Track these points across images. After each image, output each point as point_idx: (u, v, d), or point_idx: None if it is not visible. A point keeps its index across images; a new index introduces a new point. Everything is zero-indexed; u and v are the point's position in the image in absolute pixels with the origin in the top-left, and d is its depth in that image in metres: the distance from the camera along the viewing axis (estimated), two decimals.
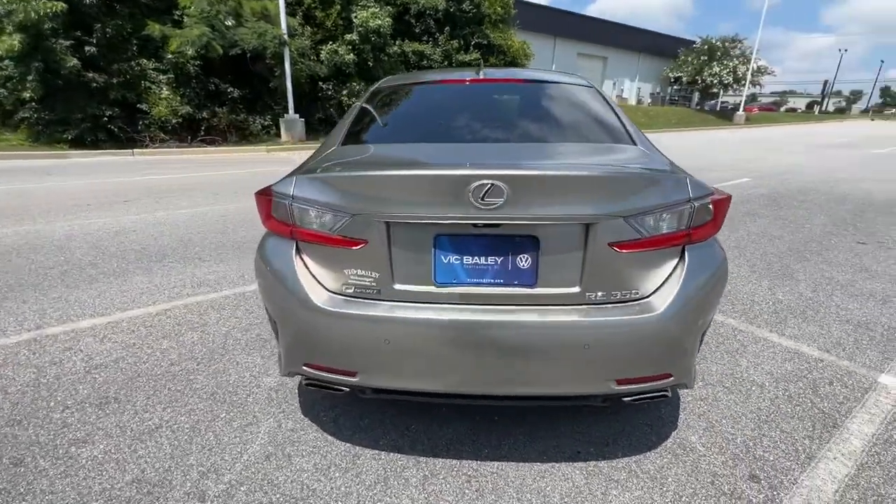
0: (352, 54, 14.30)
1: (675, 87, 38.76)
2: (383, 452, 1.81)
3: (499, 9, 17.67)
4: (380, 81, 2.55)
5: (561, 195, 1.39)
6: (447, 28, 16.70)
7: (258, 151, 12.42)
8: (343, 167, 1.61)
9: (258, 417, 2.00)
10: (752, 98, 50.14)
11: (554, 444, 1.86)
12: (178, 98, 12.19)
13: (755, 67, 32.07)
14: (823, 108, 60.13)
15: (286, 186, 1.54)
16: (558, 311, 1.46)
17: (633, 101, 36.38)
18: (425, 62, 16.39)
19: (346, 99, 14.72)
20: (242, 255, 4.06)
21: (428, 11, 16.29)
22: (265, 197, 1.61)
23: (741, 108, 33.82)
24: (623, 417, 2.02)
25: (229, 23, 12.38)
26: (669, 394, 1.67)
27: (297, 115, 13.86)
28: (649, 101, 38.30)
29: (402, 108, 2.24)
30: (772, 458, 1.81)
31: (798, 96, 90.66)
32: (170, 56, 11.81)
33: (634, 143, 1.89)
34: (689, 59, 35.11)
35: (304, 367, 1.60)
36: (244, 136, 13.42)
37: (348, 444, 1.85)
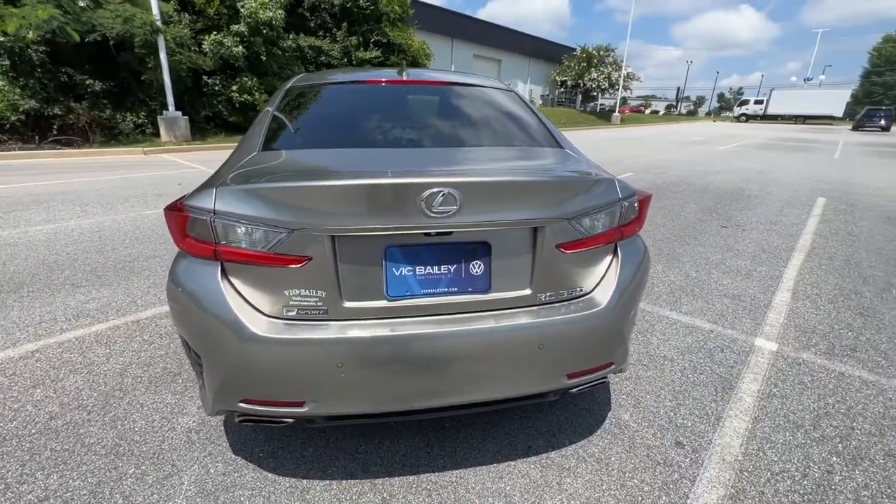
0: (241, 47, 13.12)
1: (561, 90, 42.24)
2: (334, 482, 1.68)
3: (396, 7, 17.58)
4: (293, 79, 2.35)
5: (512, 201, 1.40)
6: (344, 24, 16.18)
7: (133, 153, 10.82)
8: (275, 177, 1.44)
9: (178, 466, 1.73)
10: (623, 101, 56.88)
11: (507, 443, 1.89)
12: (18, 90, 10.11)
13: (626, 74, 36.37)
14: (678, 110, 70.92)
15: (205, 200, 1.34)
16: (512, 314, 1.48)
17: None
18: (323, 58, 15.69)
19: (236, 95, 13.49)
20: (131, 276, 3.49)
21: (323, 5, 15.62)
22: (178, 213, 1.38)
23: (617, 110, 38.07)
24: (564, 405, 2.13)
25: (83, 3, 10.57)
26: (609, 380, 1.80)
27: (180, 113, 12.36)
28: (540, 102, 41.25)
29: (326, 110, 2.08)
30: (690, 424, 2.04)
31: (658, 100, 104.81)
32: (2, 39, 9.72)
33: (561, 147, 1.99)
34: (572, 64, 38.58)
35: (241, 404, 1.41)
36: (112, 135, 11.60)
37: (293, 479, 1.68)
